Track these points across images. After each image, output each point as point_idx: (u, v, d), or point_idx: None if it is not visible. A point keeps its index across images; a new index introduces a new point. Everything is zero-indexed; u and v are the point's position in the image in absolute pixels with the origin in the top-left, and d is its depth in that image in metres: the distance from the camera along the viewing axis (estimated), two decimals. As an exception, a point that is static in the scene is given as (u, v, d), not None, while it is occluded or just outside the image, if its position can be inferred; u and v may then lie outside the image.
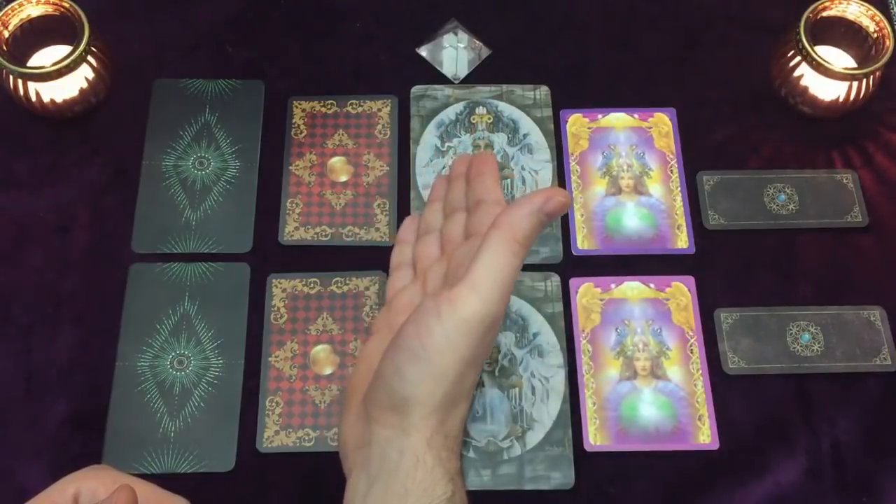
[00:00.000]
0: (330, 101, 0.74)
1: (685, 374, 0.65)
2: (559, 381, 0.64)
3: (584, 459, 0.62)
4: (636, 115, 0.74)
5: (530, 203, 0.49)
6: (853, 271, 0.68)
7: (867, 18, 0.71)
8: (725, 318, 0.67)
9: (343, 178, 0.71)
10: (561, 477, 0.62)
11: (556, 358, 0.65)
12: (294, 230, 0.69)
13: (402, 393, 0.48)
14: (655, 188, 0.71)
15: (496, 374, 0.64)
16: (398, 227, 0.69)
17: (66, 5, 0.70)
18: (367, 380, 0.52)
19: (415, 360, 0.48)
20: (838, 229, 0.70)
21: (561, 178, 0.71)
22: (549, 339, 0.66)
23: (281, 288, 0.67)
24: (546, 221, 0.50)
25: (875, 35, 0.70)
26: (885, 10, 0.76)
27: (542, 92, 0.74)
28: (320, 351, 0.65)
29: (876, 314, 0.67)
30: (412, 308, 0.54)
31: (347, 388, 0.54)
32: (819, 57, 0.69)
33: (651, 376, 0.65)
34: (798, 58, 0.70)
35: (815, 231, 0.70)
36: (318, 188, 0.71)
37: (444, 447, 0.49)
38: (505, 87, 0.75)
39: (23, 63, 0.70)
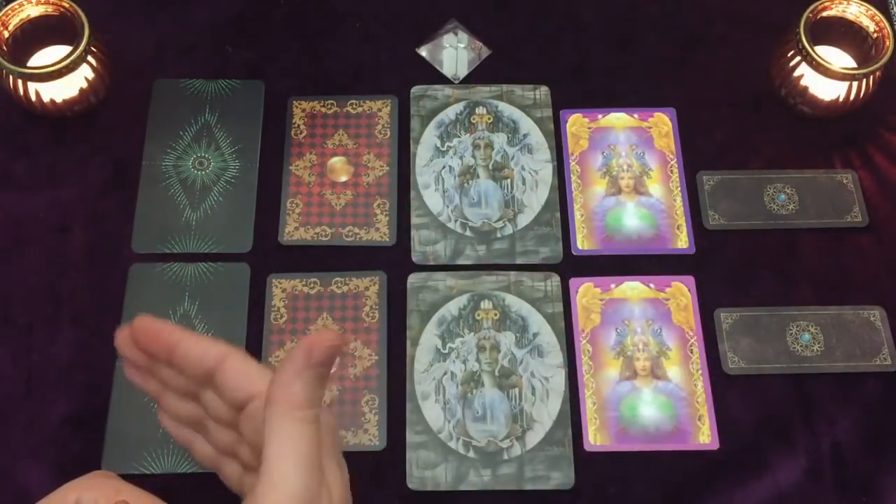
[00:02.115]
0: (330, 101, 0.74)
1: (685, 374, 0.65)
2: (559, 381, 0.64)
3: (584, 459, 0.62)
4: (636, 115, 0.74)
5: (295, 363, 0.43)
6: (853, 271, 0.68)
7: (867, 18, 0.71)
8: (725, 318, 0.67)
9: (343, 178, 0.71)
10: (561, 477, 0.62)
11: (556, 358, 0.65)
12: (294, 230, 0.69)
13: None
14: (655, 188, 0.71)
15: (496, 374, 0.64)
16: (398, 228, 0.69)
17: (66, 5, 0.70)
18: None
19: None
20: (838, 229, 0.70)
21: (561, 178, 0.71)
22: (549, 339, 0.66)
23: (281, 288, 0.67)
24: (325, 372, 0.43)
25: (875, 35, 0.70)
26: (885, 10, 0.76)
27: (542, 92, 0.74)
28: (320, 351, 0.65)
29: (876, 314, 0.67)
30: None
31: None
32: (819, 57, 0.69)
33: (651, 376, 0.65)
34: (798, 58, 0.70)
35: (815, 231, 0.70)
36: (318, 188, 0.71)
37: None
38: (505, 87, 0.75)
39: (23, 63, 0.70)
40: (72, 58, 0.68)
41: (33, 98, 0.69)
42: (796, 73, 0.71)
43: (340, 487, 0.45)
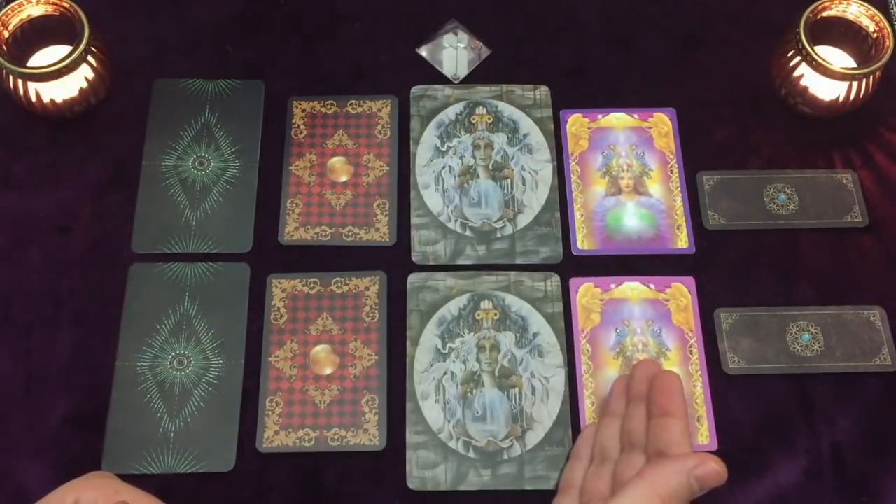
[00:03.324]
0: (330, 101, 0.74)
1: (684, 376, 0.65)
2: (559, 381, 0.64)
3: (584, 459, 0.62)
4: (636, 115, 0.74)
5: (683, 462, 0.47)
6: (853, 271, 0.68)
7: (867, 18, 0.71)
8: (725, 318, 0.67)
9: (343, 178, 0.71)
10: (561, 477, 0.61)
11: (556, 358, 0.65)
12: (294, 230, 0.69)
13: None
14: (655, 188, 0.71)
15: (496, 374, 0.64)
16: (399, 228, 0.69)
17: (66, 5, 0.70)
18: None
19: None
20: (838, 229, 0.70)
21: (561, 178, 0.71)
22: (549, 339, 0.66)
23: (281, 288, 0.67)
24: (696, 489, 0.47)
25: (875, 35, 0.70)
26: (885, 10, 0.76)
27: (542, 92, 0.74)
28: (320, 351, 0.65)
29: (876, 314, 0.67)
30: None
31: None
32: (819, 57, 0.69)
33: (651, 376, 0.65)
34: (798, 58, 0.70)
35: (815, 231, 0.70)
36: (318, 188, 0.71)
37: None
38: (505, 87, 0.75)
39: (23, 63, 0.70)
40: (72, 58, 0.68)
41: (33, 98, 0.69)
42: (796, 73, 0.71)
43: None
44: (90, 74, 0.70)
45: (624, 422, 0.57)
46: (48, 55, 0.72)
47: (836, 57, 0.73)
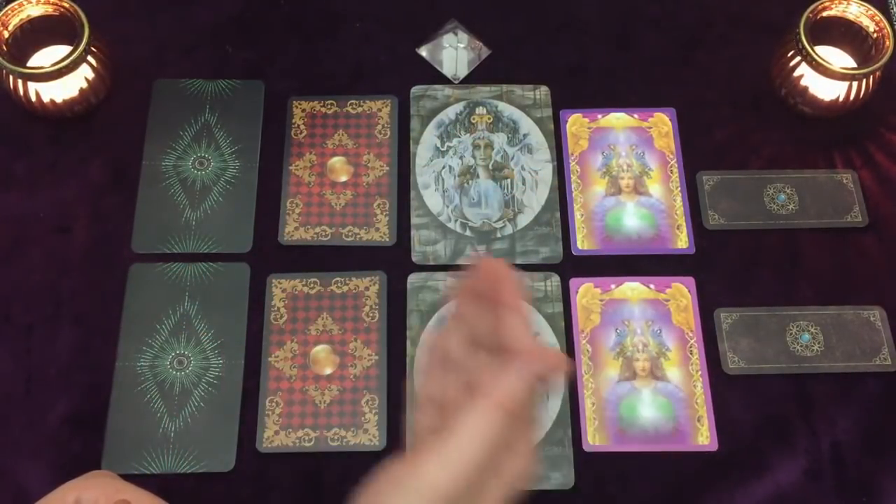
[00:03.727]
0: (330, 101, 0.74)
1: (684, 375, 0.65)
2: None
3: (583, 460, 0.62)
4: (636, 115, 0.74)
5: (518, 370, 0.46)
6: (853, 271, 0.68)
7: (867, 18, 0.71)
8: (725, 318, 0.67)
9: (343, 178, 0.71)
10: (561, 477, 0.62)
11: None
12: (294, 230, 0.69)
13: None
14: (655, 188, 0.71)
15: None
16: (399, 228, 0.69)
17: (66, 5, 0.70)
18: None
19: None
20: (838, 229, 0.70)
21: (561, 178, 0.71)
22: (549, 339, 0.66)
23: (281, 288, 0.67)
24: (541, 388, 0.47)
25: (875, 35, 0.70)
26: (885, 10, 0.76)
27: (542, 92, 0.74)
28: (320, 351, 0.65)
29: (876, 314, 0.67)
30: None
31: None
32: (819, 57, 0.69)
33: (650, 377, 0.65)
34: (798, 58, 0.70)
35: (815, 231, 0.70)
36: (318, 188, 0.71)
37: None
38: (505, 87, 0.75)
39: (23, 63, 0.70)
40: (72, 58, 0.68)
41: (33, 98, 0.69)
42: (796, 73, 0.71)
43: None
44: (90, 74, 0.70)
45: (465, 324, 0.55)
46: (48, 55, 0.72)
47: (836, 57, 0.73)
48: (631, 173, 0.71)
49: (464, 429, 0.45)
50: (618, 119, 0.74)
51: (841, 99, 0.71)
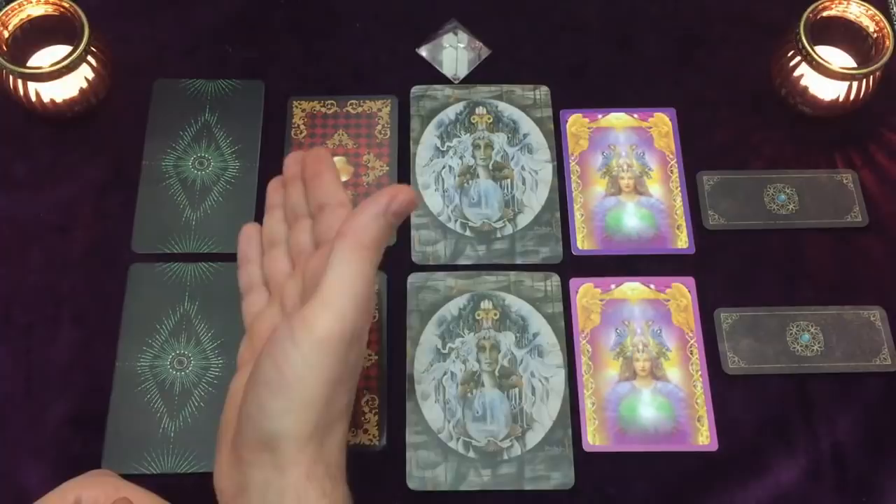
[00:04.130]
0: (330, 101, 0.74)
1: (685, 375, 0.65)
2: (559, 381, 0.64)
3: (584, 460, 0.62)
4: (636, 115, 0.74)
5: (375, 205, 0.47)
6: (853, 271, 0.68)
7: (867, 18, 0.71)
8: (725, 318, 0.67)
9: (343, 178, 0.71)
10: (561, 477, 0.62)
11: (556, 358, 0.65)
12: (294, 230, 0.69)
13: (270, 429, 0.45)
14: (655, 188, 0.71)
15: (496, 374, 0.64)
16: (399, 228, 0.69)
17: (66, 5, 0.70)
18: (235, 420, 0.49)
19: (276, 392, 0.45)
20: (838, 229, 0.70)
21: (561, 177, 0.71)
22: (549, 339, 0.66)
23: (281, 288, 0.67)
24: (394, 223, 0.47)
25: (875, 35, 0.70)
26: (885, 10, 0.76)
27: (542, 92, 0.74)
28: (320, 351, 0.65)
29: (876, 314, 0.67)
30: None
31: (219, 433, 0.51)
32: (819, 57, 0.69)
33: (650, 377, 0.65)
34: (798, 58, 0.70)
35: (816, 231, 0.70)
36: (318, 188, 0.71)
37: (326, 477, 0.47)
38: (505, 87, 0.75)
39: (23, 63, 0.70)
40: (72, 58, 0.68)
41: (33, 98, 0.69)
42: (796, 73, 0.71)
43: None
44: (90, 74, 0.70)
45: (284, 204, 0.57)
46: (48, 55, 0.72)
47: (836, 57, 0.73)
48: (631, 173, 0.71)
49: (336, 274, 0.46)
50: (618, 119, 0.74)
51: (841, 99, 0.71)
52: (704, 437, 0.63)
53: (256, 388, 0.46)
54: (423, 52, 0.76)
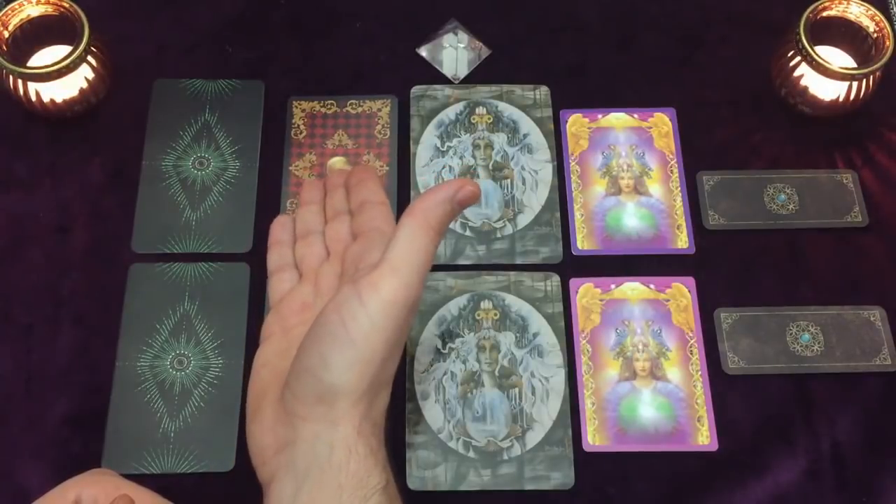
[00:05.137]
0: (330, 101, 0.74)
1: (685, 375, 0.65)
2: (559, 381, 0.64)
3: (583, 460, 0.62)
4: (636, 115, 0.74)
5: (443, 191, 0.51)
6: (853, 271, 0.68)
7: (867, 18, 0.71)
8: (725, 318, 0.67)
9: (343, 178, 0.71)
10: (561, 477, 0.62)
11: (556, 358, 0.65)
12: (294, 230, 0.69)
13: (330, 381, 0.48)
14: (655, 188, 0.71)
15: (496, 374, 0.64)
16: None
17: (66, 5, 0.70)
18: (274, 383, 0.52)
19: (341, 346, 0.48)
20: (838, 229, 0.70)
21: (561, 177, 0.71)
22: (549, 339, 0.66)
23: (281, 288, 0.67)
24: (457, 211, 0.51)
25: (875, 35, 0.70)
26: (885, 10, 0.76)
27: (542, 92, 0.74)
28: (320, 351, 0.65)
29: (876, 314, 0.67)
30: (306, 309, 0.55)
31: (250, 397, 0.54)
32: (819, 57, 0.69)
33: (650, 377, 0.65)
34: (798, 58, 0.70)
35: (816, 231, 0.70)
36: (318, 188, 0.71)
37: (372, 435, 0.50)
38: (505, 87, 0.75)
39: (23, 63, 0.70)
40: (72, 58, 0.68)
41: (33, 98, 0.69)
42: (796, 73, 0.71)
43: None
44: (90, 74, 0.70)
45: (326, 203, 0.62)
46: (48, 55, 0.72)
47: (836, 57, 0.73)
48: (631, 173, 0.72)
49: (404, 245, 0.50)
50: (618, 119, 0.74)
51: (841, 99, 0.71)
52: (704, 437, 0.63)
53: (321, 342, 0.49)
54: (423, 52, 0.76)
